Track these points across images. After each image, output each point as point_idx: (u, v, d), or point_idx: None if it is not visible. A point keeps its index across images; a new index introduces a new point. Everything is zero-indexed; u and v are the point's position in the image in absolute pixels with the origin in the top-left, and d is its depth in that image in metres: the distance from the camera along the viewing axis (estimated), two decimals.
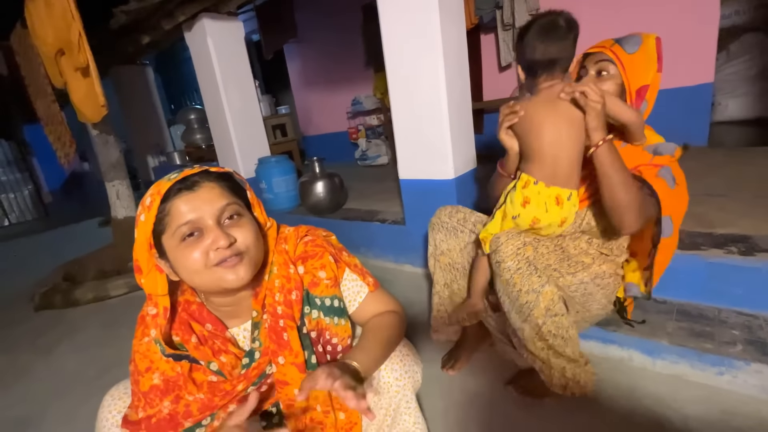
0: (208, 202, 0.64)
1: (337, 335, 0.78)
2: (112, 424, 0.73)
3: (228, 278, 0.64)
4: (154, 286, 0.66)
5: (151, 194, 0.63)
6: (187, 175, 0.64)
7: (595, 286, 1.08)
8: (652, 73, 1.02)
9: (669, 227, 1.02)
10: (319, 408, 0.75)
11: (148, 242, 0.64)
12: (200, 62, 2.80)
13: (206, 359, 0.70)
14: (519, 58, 1.06)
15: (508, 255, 1.01)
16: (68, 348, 1.87)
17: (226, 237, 0.63)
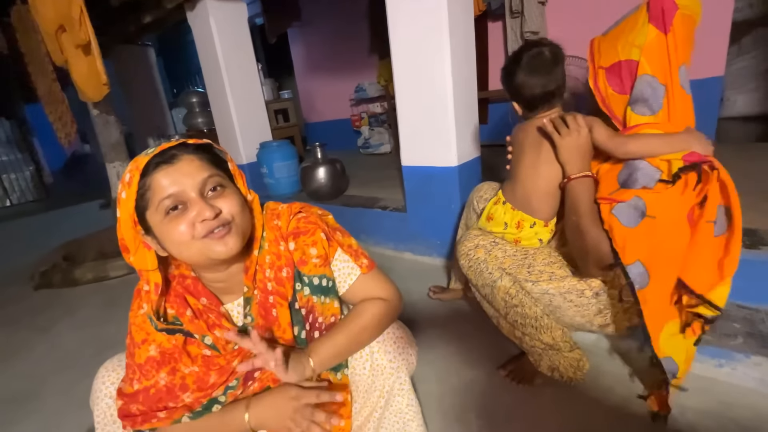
0: (188, 174, 0.62)
1: (323, 314, 0.78)
2: (106, 395, 0.74)
3: (217, 249, 0.63)
4: (143, 262, 0.65)
5: (129, 170, 0.61)
6: (165, 149, 0.63)
7: (565, 300, 1.02)
8: (635, 41, 0.87)
9: (641, 274, 0.83)
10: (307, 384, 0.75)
11: (132, 219, 0.62)
12: (202, 43, 2.76)
13: (200, 333, 0.69)
14: (511, 95, 1.09)
15: (462, 254, 1.12)
16: (67, 326, 1.88)
17: (210, 208, 0.62)
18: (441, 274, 1.84)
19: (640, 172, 0.87)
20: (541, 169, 1.05)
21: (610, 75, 0.93)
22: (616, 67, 0.91)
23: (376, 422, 0.81)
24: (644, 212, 0.84)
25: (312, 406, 0.67)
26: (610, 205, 0.89)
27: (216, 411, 0.70)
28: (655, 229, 0.83)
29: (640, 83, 0.89)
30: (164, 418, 0.67)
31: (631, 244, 0.84)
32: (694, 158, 0.84)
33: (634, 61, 0.88)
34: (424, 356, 1.26)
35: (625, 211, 0.86)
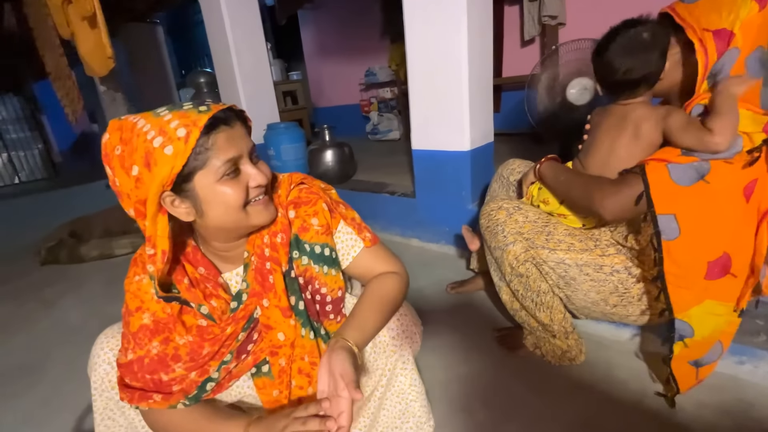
0: (242, 139, 0.62)
1: (326, 285, 0.75)
2: (104, 360, 0.72)
3: (264, 215, 0.66)
4: (155, 227, 0.60)
5: (183, 124, 0.55)
6: (221, 109, 0.59)
7: (581, 273, 1.00)
8: (740, 14, 0.80)
9: (672, 228, 0.81)
10: (307, 358, 0.73)
11: (170, 178, 0.56)
12: (211, 21, 2.70)
13: (197, 302, 0.67)
14: (597, 75, 1.00)
15: (483, 213, 1.12)
16: (71, 301, 1.88)
17: (264, 175, 0.64)
18: (449, 261, 1.80)
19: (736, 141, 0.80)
20: (617, 153, 0.98)
21: (717, 38, 0.83)
22: (723, 33, 0.82)
23: (377, 402, 0.79)
24: (704, 175, 0.80)
25: (303, 417, 0.60)
26: (664, 162, 0.83)
27: (213, 417, 0.67)
28: (706, 194, 0.79)
29: (727, 57, 0.82)
30: (160, 401, 0.65)
31: (673, 199, 0.81)
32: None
33: (732, 33, 0.82)
34: (430, 343, 1.23)
35: (683, 170, 0.81)
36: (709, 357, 0.87)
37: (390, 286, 0.76)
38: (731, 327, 0.88)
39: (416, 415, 0.79)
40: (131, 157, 0.56)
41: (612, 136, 0.99)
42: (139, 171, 0.56)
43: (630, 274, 0.96)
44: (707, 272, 0.82)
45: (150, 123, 0.56)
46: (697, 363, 0.88)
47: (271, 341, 0.71)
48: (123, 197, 0.59)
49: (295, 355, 0.73)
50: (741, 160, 0.79)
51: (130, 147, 0.56)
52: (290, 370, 0.73)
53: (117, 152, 0.57)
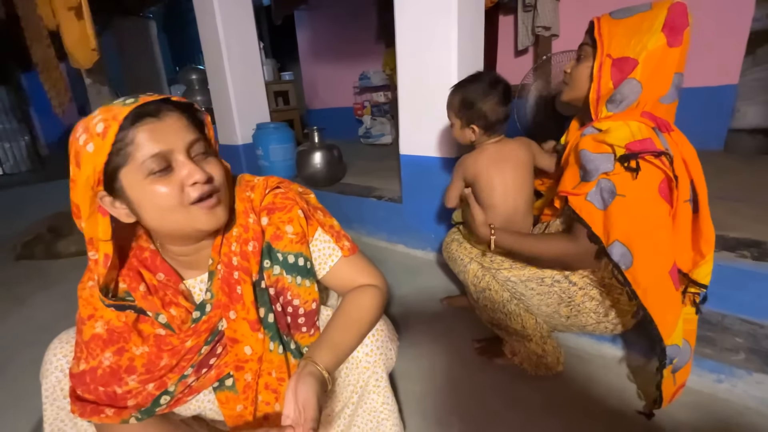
0: (176, 133, 0.56)
1: (299, 296, 0.71)
2: (56, 368, 0.67)
3: (206, 219, 0.59)
4: (94, 229, 0.57)
5: (103, 119, 0.52)
6: (147, 101, 0.55)
7: (527, 288, 1.04)
8: (647, 45, 0.83)
9: (625, 255, 0.81)
10: (274, 374, 0.69)
11: (96, 177, 0.53)
12: (203, 17, 2.66)
13: (154, 310, 0.63)
14: (473, 120, 1.12)
15: (443, 248, 1.29)
16: (43, 299, 1.82)
17: (203, 171, 0.57)
18: (433, 268, 1.78)
19: (595, 163, 0.85)
20: (524, 189, 1.14)
21: (615, 67, 0.88)
22: (622, 61, 0.86)
23: (347, 419, 0.76)
24: (614, 191, 0.82)
25: None
26: (582, 194, 0.87)
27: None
28: (628, 207, 0.81)
29: (627, 86, 0.87)
30: (112, 415, 0.61)
31: (608, 226, 0.83)
32: (635, 147, 0.81)
33: (636, 62, 0.85)
34: (407, 353, 1.20)
35: (598, 195, 0.85)
36: (681, 359, 0.87)
37: (368, 302, 0.72)
38: (691, 324, 0.91)
39: None
40: (70, 158, 0.55)
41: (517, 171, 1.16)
42: (72, 171, 0.55)
43: (570, 283, 0.99)
44: (674, 282, 0.83)
45: (83, 122, 0.55)
46: (674, 369, 0.87)
47: (236, 355, 0.67)
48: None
49: (262, 370, 0.68)
50: (622, 169, 0.82)
51: (71, 149, 0.55)
52: (256, 386, 0.69)
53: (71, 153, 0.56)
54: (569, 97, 1.02)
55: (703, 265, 0.89)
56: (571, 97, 1.01)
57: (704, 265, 0.89)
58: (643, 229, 0.81)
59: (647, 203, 0.81)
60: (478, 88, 1.10)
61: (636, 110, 0.88)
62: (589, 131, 0.90)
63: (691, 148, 0.86)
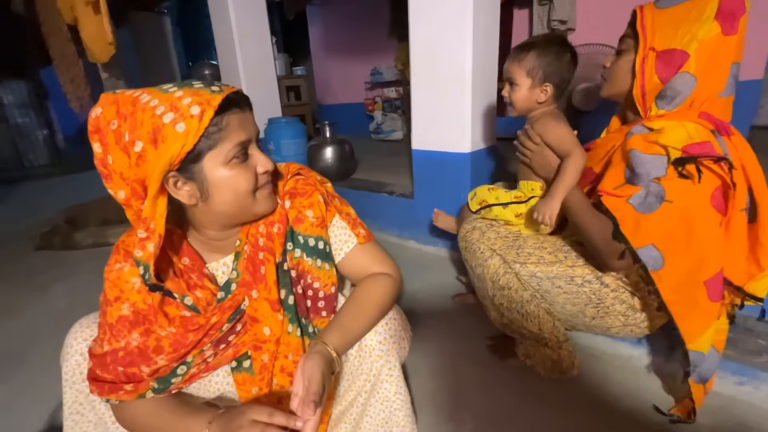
0: (252, 124, 0.61)
1: (319, 279, 0.72)
2: (77, 351, 0.68)
3: (265, 205, 0.65)
4: (154, 209, 0.56)
5: (197, 102, 0.52)
6: (232, 91, 0.56)
7: (553, 286, 0.99)
8: (697, 35, 0.78)
9: (654, 257, 0.79)
10: (291, 357, 0.69)
11: (178, 157, 0.53)
12: (217, 11, 2.68)
13: (180, 292, 0.64)
14: (549, 77, 1.01)
15: (460, 236, 1.17)
16: (62, 288, 1.86)
17: (271, 161, 0.63)
18: (445, 264, 1.77)
19: (646, 167, 0.80)
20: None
21: (660, 61, 0.82)
22: (668, 54, 0.81)
23: (360, 408, 0.76)
24: (663, 197, 0.78)
25: (263, 425, 0.55)
26: (625, 196, 0.82)
27: (178, 412, 0.63)
28: (673, 214, 0.77)
29: (679, 80, 0.82)
30: (130, 390, 0.62)
31: (645, 229, 0.79)
32: (694, 150, 0.77)
33: (686, 54, 0.79)
34: (419, 349, 1.20)
35: (643, 199, 0.80)
36: (707, 368, 0.84)
37: (380, 289, 0.73)
38: (722, 334, 0.88)
39: (400, 424, 0.75)
40: (133, 132, 0.52)
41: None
42: (143, 147, 0.52)
43: (602, 284, 0.95)
44: (709, 293, 0.79)
45: (158, 98, 0.53)
46: (700, 378, 0.84)
47: (255, 335, 0.68)
48: (113, 177, 0.55)
49: (279, 352, 0.69)
50: (674, 174, 0.78)
51: (131, 122, 0.52)
52: (272, 368, 0.70)
53: (112, 127, 0.53)
54: (609, 92, 0.97)
55: (761, 279, 0.83)
56: (610, 93, 0.97)
57: (763, 279, 0.83)
58: (683, 237, 0.77)
59: (696, 212, 0.77)
60: (555, 46, 1.01)
61: (692, 109, 0.82)
62: (638, 130, 0.85)
63: (751, 153, 0.81)
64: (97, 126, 0.54)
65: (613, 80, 0.94)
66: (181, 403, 0.66)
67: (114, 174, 0.55)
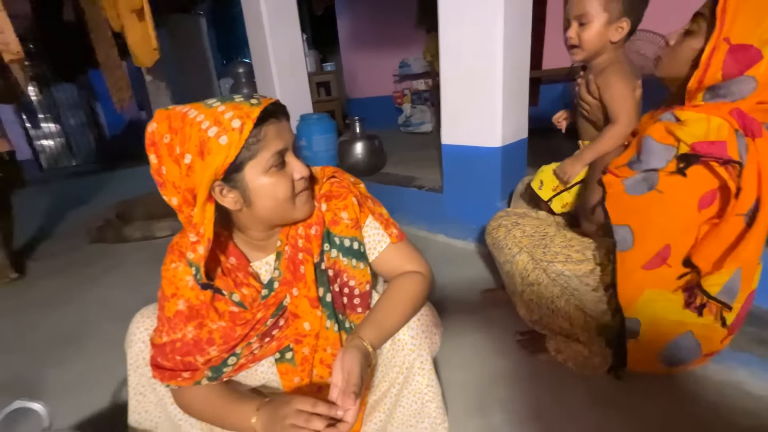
0: (288, 132, 0.65)
1: (355, 278, 0.76)
2: (139, 339, 0.76)
3: (305, 210, 0.69)
4: (203, 215, 0.61)
5: (237, 115, 0.56)
6: (270, 103, 0.61)
7: (582, 284, 0.98)
8: None
9: (626, 239, 0.84)
10: (329, 350, 0.74)
11: (223, 167, 0.58)
12: (250, 14, 2.76)
13: (229, 290, 0.70)
14: (628, 12, 0.94)
15: (487, 233, 1.18)
16: (115, 278, 2.01)
17: (307, 168, 0.66)
18: (474, 259, 1.77)
19: (649, 156, 0.81)
20: None
21: (731, 56, 0.73)
22: (742, 50, 0.72)
23: (393, 398, 0.79)
24: (654, 185, 0.81)
25: (306, 414, 0.59)
26: (621, 176, 0.85)
27: (230, 398, 0.69)
28: (658, 203, 0.80)
29: (739, 84, 0.74)
30: (188, 378, 0.68)
31: (626, 209, 0.84)
32: (701, 149, 0.73)
33: (759, 54, 0.71)
34: (450, 342, 1.22)
35: (635, 183, 0.83)
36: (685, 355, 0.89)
37: (413, 286, 0.76)
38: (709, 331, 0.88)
39: (431, 415, 0.79)
40: (184, 145, 0.57)
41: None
42: (192, 160, 0.57)
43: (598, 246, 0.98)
44: (645, 263, 0.83)
45: (203, 113, 0.58)
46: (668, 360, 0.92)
47: (296, 329, 0.73)
48: (167, 186, 0.61)
49: (318, 345, 0.74)
50: (673, 167, 0.78)
51: (181, 136, 0.57)
52: (312, 360, 0.75)
53: (165, 141, 0.58)
54: (664, 74, 0.90)
55: (715, 274, 0.80)
56: (666, 74, 0.89)
57: (716, 274, 0.80)
58: (657, 228, 0.81)
59: (680, 207, 0.79)
60: None
61: (728, 104, 0.76)
62: (666, 117, 0.81)
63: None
64: (152, 140, 0.60)
65: (672, 63, 0.86)
66: (232, 390, 0.72)
67: (167, 183, 0.61)
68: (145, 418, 0.82)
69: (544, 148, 1.72)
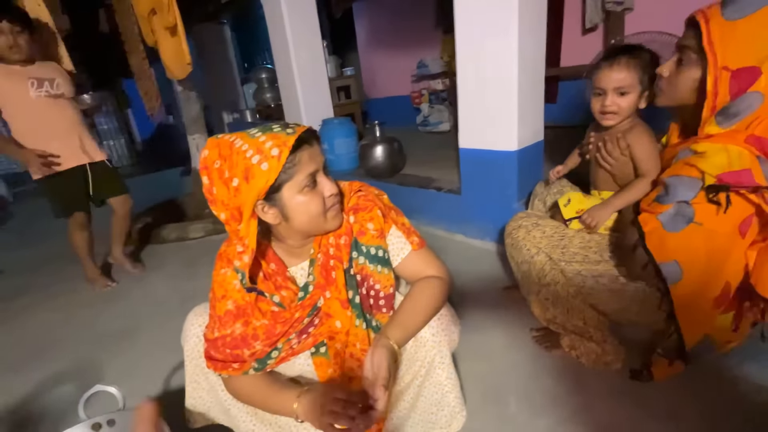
0: (319, 156, 0.74)
1: (380, 282, 0.84)
2: (194, 334, 0.88)
3: (334, 222, 0.78)
4: (248, 229, 0.72)
5: (275, 144, 0.66)
6: (303, 131, 0.71)
7: (598, 283, 1.03)
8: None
9: (674, 272, 0.83)
10: (358, 345, 0.83)
11: (264, 189, 0.67)
12: (272, 21, 2.87)
13: (270, 292, 0.80)
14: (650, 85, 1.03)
15: (506, 233, 1.22)
16: (156, 277, 2.18)
17: (336, 186, 0.76)
18: (492, 258, 1.84)
19: (676, 188, 0.83)
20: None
21: (734, 80, 0.77)
22: (743, 72, 0.76)
23: (416, 389, 0.88)
24: (691, 218, 0.81)
25: (343, 402, 0.68)
26: (655, 213, 0.86)
27: (274, 386, 0.80)
28: (699, 235, 0.80)
29: (746, 100, 0.78)
30: (237, 368, 0.79)
31: (668, 246, 0.83)
32: (728, 179, 0.76)
33: (759, 72, 0.75)
34: (469, 338, 1.30)
35: (671, 218, 0.83)
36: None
37: (433, 290, 0.84)
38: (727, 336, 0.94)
39: (450, 405, 0.87)
40: (231, 170, 0.68)
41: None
42: (238, 183, 0.68)
43: (648, 283, 0.98)
44: (714, 306, 0.84)
45: (247, 143, 0.68)
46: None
47: (329, 327, 0.83)
48: (217, 203, 0.72)
49: (349, 341, 0.83)
50: (704, 198, 0.79)
51: (230, 162, 0.68)
52: (344, 354, 0.84)
53: (216, 166, 0.69)
54: (666, 103, 0.96)
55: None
56: (668, 104, 0.95)
57: None
58: (704, 259, 0.81)
59: (721, 236, 0.79)
60: (646, 52, 1.02)
61: (742, 132, 0.80)
62: (683, 155, 0.85)
63: None
64: (205, 164, 0.71)
65: (674, 94, 0.92)
66: (275, 379, 0.83)
67: (218, 201, 0.72)
68: (200, 402, 0.94)
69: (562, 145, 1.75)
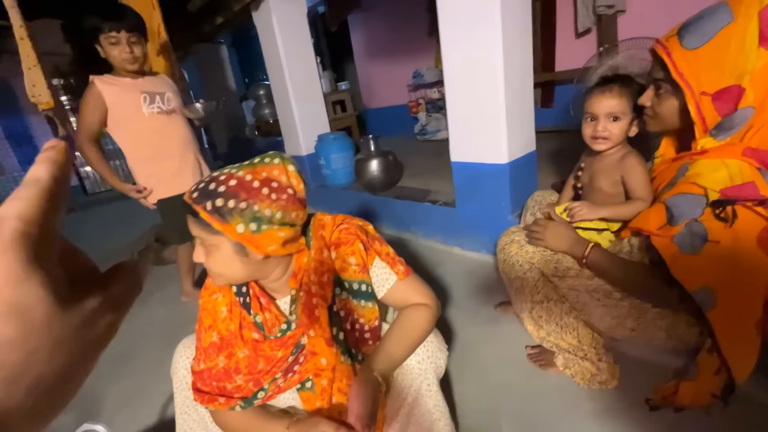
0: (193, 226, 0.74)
1: (364, 316, 0.85)
2: (182, 366, 0.89)
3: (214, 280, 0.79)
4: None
5: None
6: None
7: (592, 299, 1.01)
8: (746, 68, 0.75)
9: (706, 299, 0.79)
10: (345, 381, 0.82)
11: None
12: (266, 40, 2.92)
13: (254, 310, 0.81)
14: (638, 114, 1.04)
15: (498, 249, 1.22)
16: (157, 300, 2.20)
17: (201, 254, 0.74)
18: (488, 270, 1.82)
19: (681, 208, 0.81)
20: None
21: (718, 101, 0.80)
22: (724, 93, 0.79)
23: (405, 418, 0.87)
24: (706, 237, 0.78)
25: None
26: (668, 236, 0.83)
27: (262, 418, 0.80)
28: (721, 254, 0.77)
29: (740, 115, 0.79)
30: (223, 403, 0.79)
31: (692, 271, 0.80)
32: (732, 194, 0.75)
33: (741, 89, 0.78)
34: (462, 356, 1.29)
35: (686, 239, 0.81)
36: None
37: (419, 319, 0.84)
38: None
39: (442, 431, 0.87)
40: None
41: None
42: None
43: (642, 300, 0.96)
44: (758, 332, 0.79)
45: None
46: None
47: (315, 364, 0.82)
48: None
49: (335, 377, 0.83)
50: (711, 215, 0.77)
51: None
52: (331, 389, 0.83)
53: None
54: (656, 129, 0.98)
55: None
56: (658, 129, 0.97)
57: None
58: (731, 278, 0.77)
59: (743, 252, 0.77)
60: (636, 83, 1.05)
61: (737, 145, 0.81)
62: (682, 173, 0.86)
63: None
64: None
65: (663, 121, 0.94)
66: (264, 411, 0.83)
67: None
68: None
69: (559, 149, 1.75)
